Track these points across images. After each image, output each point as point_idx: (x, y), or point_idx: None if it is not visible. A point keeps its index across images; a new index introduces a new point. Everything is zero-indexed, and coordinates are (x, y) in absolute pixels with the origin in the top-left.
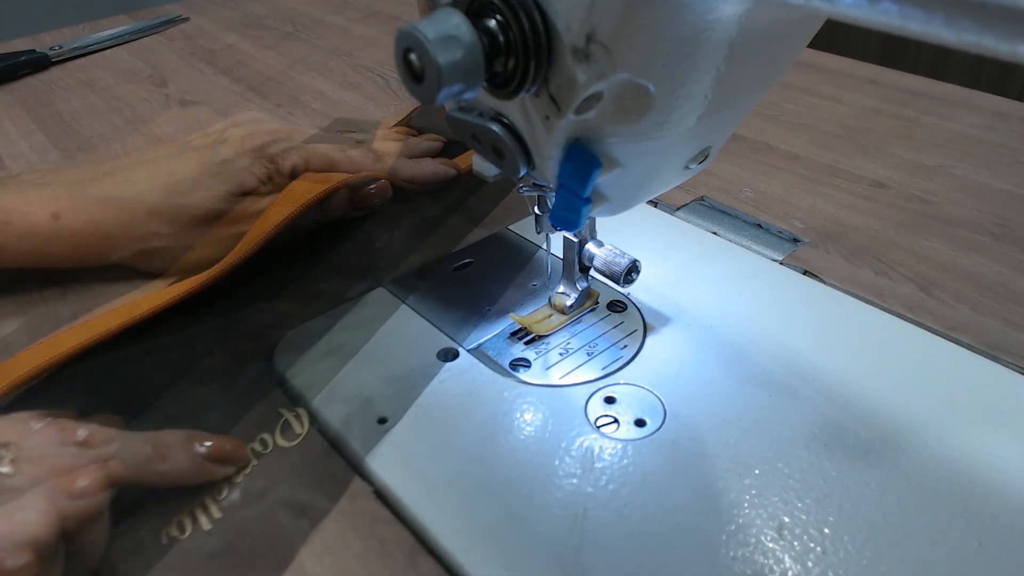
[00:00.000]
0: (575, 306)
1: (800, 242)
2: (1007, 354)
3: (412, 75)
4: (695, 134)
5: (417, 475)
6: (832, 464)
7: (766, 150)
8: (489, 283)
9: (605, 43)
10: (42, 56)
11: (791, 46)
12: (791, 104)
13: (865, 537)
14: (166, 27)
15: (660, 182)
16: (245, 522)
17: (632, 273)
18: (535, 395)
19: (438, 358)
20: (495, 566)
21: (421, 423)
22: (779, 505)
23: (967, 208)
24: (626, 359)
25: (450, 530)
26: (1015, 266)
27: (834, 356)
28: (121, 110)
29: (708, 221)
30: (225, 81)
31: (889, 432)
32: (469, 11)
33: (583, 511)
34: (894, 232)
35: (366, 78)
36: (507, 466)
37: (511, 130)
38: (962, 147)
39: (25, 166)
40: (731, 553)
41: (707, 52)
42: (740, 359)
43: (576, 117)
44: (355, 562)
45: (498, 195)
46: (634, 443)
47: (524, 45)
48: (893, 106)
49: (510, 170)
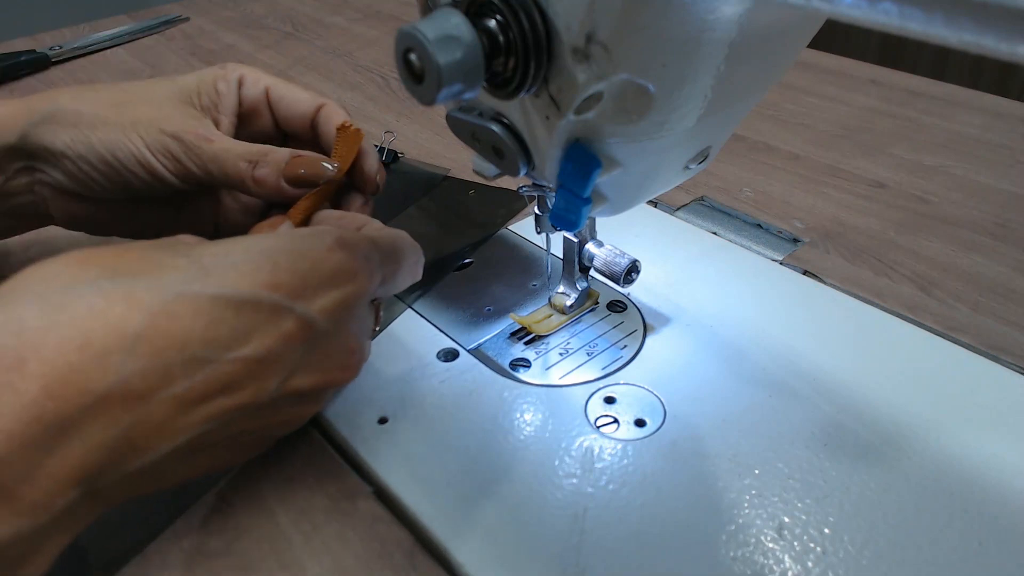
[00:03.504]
0: (575, 306)
1: (800, 242)
2: (1007, 354)
3: (412, 75)
4: (695, 134)
5: (417, 475)
6: (832, 464)
7: (766, 150)
8: (489, 283)
9: (605, 43)
10: (42, 56)
11: (791, 46)
12: (791, 104)
13: (865, 537)
14: (166, 27)
15: (660, 182)
16: (245, 522)
17: (632, 273)
18: (535, 395)
19: (438, 358)
20: (495, 566)
21: (421, 423)
22: (779, 505)
23: (967, 208)
24: (626, 359)
25: (450, 530)
26: (1015, 266)
27: (834, 356)
28: None
29: (708, 221)
30: None
31: (889, 432)
32: (469, 11)
33: (583, 511)
34: (894, 232)
35: (366, 78)
36: (507, 466)
37: (511, 130)
38: (962, 147)
39: None
40: (731, 553)
41: (707, 52)
42: (740, 359)
43: (576, 117)
44: (355, 562)
45: (498, 195)
46: (634, 443)
47: (524, 45)
48: (893, 106)
49: (510, 170)
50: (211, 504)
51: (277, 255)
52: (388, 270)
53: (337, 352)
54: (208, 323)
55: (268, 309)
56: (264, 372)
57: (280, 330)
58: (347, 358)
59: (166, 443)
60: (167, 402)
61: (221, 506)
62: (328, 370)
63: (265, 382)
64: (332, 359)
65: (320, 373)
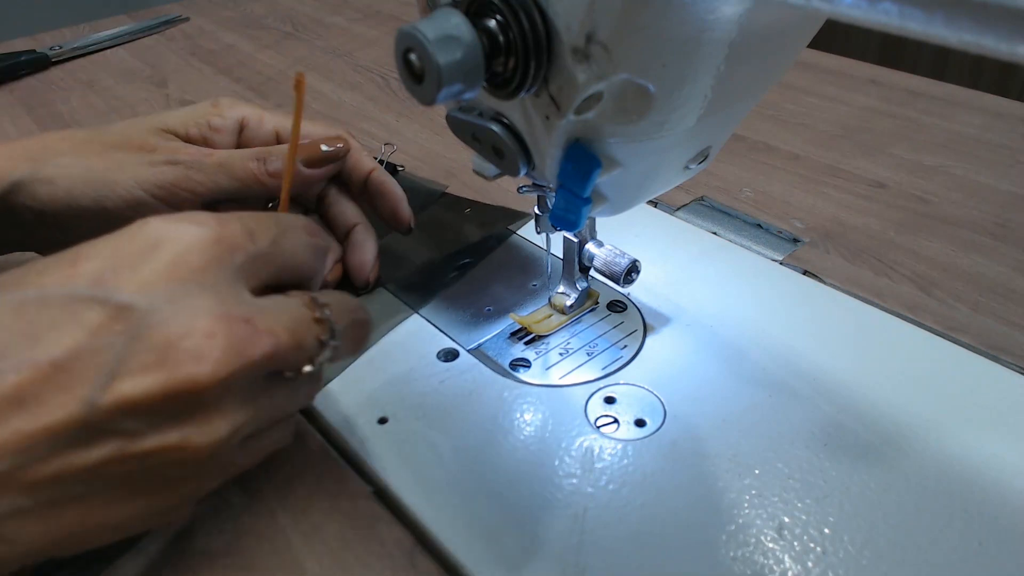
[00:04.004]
0: (575, 306)
1: (800, 242)
2: (1007, 354)
3: (412, 75)
4: (695, 134)
5: (417, 475)
6: (832, 464)
7: (766, 150)
8: (489, 283)
9: (605, 43)
10: (42, 56)
11: (791, 46)
12: (791, 104)
13: (865, 537)
14: (166, 27)
15: (660, 182)
16: (245, 522)
17: (632, 273)
18: (535, 395)
19: (438, 358)
20: (495, 566)
21: (421, 423)
22: (779, 505)
23: (967, 208)
24: (626, 359)
25: (450, 530)
26: (1015, 266)
27: (834, 356)
28: (121, 110)
29: (708, 221)
30: (225, 81)
31: (889, 432)
32: (469, 11)
33: (583, 511)
34: (894, 232)
35: (366, 78)
36: (507, 466)
37: (511, 130)
38: (962, 147)
39: None
40: (731, 553)
41: (707, 52)
42: (740, 359)
43: (576, 117)
44: (355, 562)
45: (493, 213)
46: (634, 443)
47: (524, 45)
48: (893, 106)
49: (510, 170)
50: (211, 504)
51: (85, 246)
52: (253, 226)
53: (179, 337)
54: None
55: (59, 303)
56: (69, 379)
57: (79, 323)
58: (198, 342)
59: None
60: None
61: (221, 506)
62: (172, 364)
63: (75, 391)
64: (174, 348)
65: (160, 370)
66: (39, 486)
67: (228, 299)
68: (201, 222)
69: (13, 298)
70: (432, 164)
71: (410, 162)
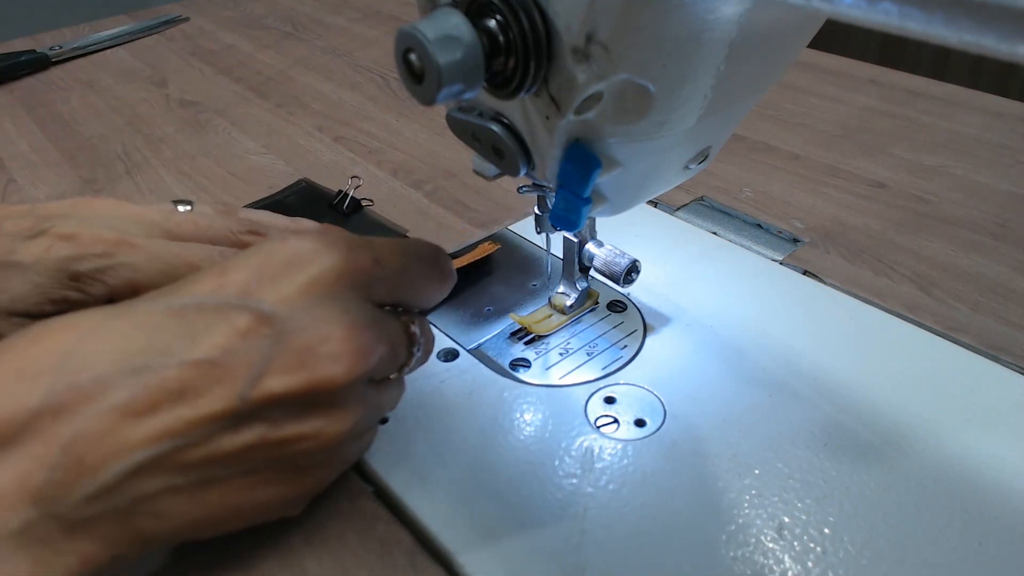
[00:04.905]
0: (575, 306)
1: (800, 242)
2: (1007, 354)
3: (412, 75)
4: (695, 134)
5: (417, 475)
6: (832, 464)
7: (766, 150)
8: (489, 283)
9: (605, 43)
10: (42, 56)
11: (791, 46)
12: (791, 104)
13: (865, 537)
14: (166, 27)
15: (660, 182)
16: None
17: (632, 273)
18: (535, 395)
19: (438, 358)
20: (495, 566)
21: (421, 423)
22: (779, 505)
23: (967, 208)
24: (626, 359)
25: (450, 530)
26: (1015, 266)
27: (834, 356)
28: (121, 110)
29: (708, 221)
30: (225, 81)
31: (889, 432)
32: (469, 11)
33: (583, 511)
34: (894, 232)
35: (366, 78)
36: (507, 466)
37: (511, 130)
38: (962, 147)
39: (25, 166)
40: (731, 553)
41: (707, 52)
42: (740, 359)
43: (576, 117)
44: (355, 562)
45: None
46: (634, 443)
47: (524, 45)
48: (893, 106)
49: (510, 170)
50: None
51: (229, 260)
52: (382, 254)
53: (317, 342)
54: (147, 334)
55: (213, 310)
56: (224, 374)
57: (232, 327)
58: (334, 347)
59: (118, 460)
60: (106, 413)
61: None
62: (311, 365)
63: (229, 385)
64: (313, 352)
65: (302, 370)
66: (193, 467)
67: (353, 311)
68: (333, 243)
69: (173, 303)
70: (432, 164)
71: (410, 162)
